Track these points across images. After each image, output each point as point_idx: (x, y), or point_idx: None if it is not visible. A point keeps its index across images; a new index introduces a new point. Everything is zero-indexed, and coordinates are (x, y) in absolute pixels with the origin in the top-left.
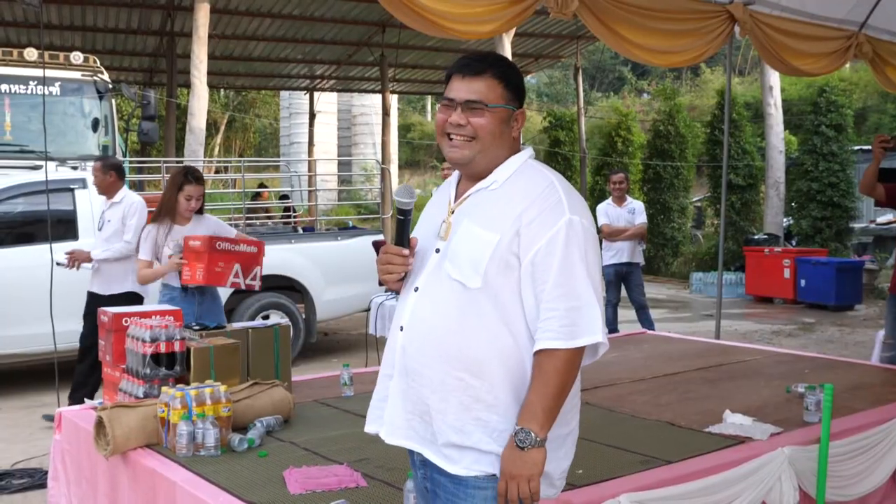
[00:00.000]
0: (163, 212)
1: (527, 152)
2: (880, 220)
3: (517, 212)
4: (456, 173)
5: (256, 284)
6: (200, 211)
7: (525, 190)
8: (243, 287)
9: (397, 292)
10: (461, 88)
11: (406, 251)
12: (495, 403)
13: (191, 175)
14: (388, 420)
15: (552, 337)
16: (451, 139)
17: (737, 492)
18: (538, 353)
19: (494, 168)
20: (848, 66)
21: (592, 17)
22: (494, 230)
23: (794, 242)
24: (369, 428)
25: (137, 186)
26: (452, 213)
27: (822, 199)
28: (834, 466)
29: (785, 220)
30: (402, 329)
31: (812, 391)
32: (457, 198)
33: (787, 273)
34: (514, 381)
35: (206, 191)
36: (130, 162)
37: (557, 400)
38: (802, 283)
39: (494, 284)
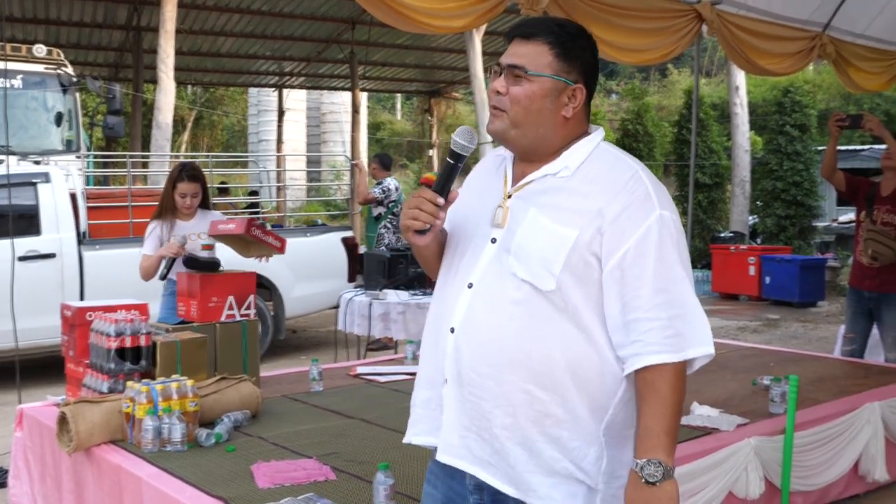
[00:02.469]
0: (164, 209)
1: (598, 134)
2: (842, 218)
3: (598, 206)
4: (509, 152)
5: (252, 314)
6: (207, 206)
7: (606, 180)
8: (238, 319)
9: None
10: (509, 52)
11: (442, 201)
12: (565, 418)
13: (184, 172)
14: (441, 435)
15: (659, 350)
16: (494, 109)
17: (704, 482)
18: (644, 370)
19: (545, 150)
20: (811, 67)
21: (563, 14)
22: (571, 225)
23: (759, 240)
24: (422, 440)
25: (102, 182)
26: (509, 197)
27: (787, 197)
28: (798, 457)
29: (750, 218)
30: (452, 331)
31: (777, 383)
32: (514, 181)
33: (752, 270)
34: (588, 393)
35: None
36: (95, 157)
37: (676, 420)
38: (767, 280)
39: (567, 286)
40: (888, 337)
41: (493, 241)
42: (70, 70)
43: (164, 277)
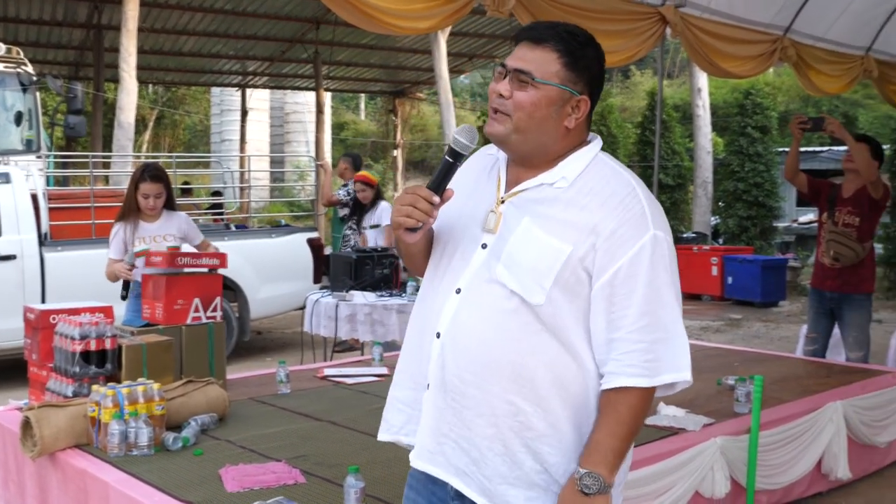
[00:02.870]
0: (127, 210)
1: (596, 144)
2: (802, 219)
3: (593, 221)
4: (503, 154)
5: (218, 315)
6: (172, 207)
7: (602, 194)
8: (205, 321)
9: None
10: (516, 55)
11: (437, 199)
12: (548, 433)
13: (147, 173)
14: (417, 439)
15: (634, 373)
16: (495, 112)
17: (671, 482)
18: (613, 389)
19: (543, 157)
20: (771, 70)
21: (529, 15)
22: (565, 240)
23: (721, 241)
24: (400, 438)
25: (62, 182)
26: (502, 202)
27: (748, 198)
28: (763, 455)
29: (712, 218)
30: (438, 336)
31: (742, 383)
32: (508, 186)
33: (714, 271)
34: (573, 410)
35: None
36: (56, 157)
37: (630, 441)
38: (729, 280)
39: (557, 301)
40: (849, 336)
41: (484, 246)
42: (30, 69)
43: (124, 298)
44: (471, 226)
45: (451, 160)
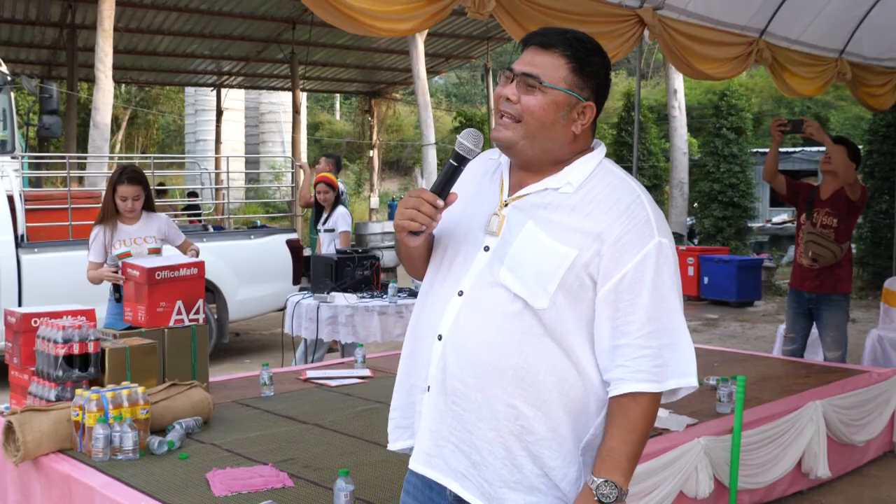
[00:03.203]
0: (106, 213)
1: (601, 151)
2: (775, 219)
3: (598, 227)
4: (505, 158)
5: (200, 318)
6: (151, 208)
7: (608, 201)
8: (187, 324)
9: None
10: (524, 60)
11: (441, 203)
12: (548, 437)
13: (124, 175)
14: (416, 442)
15: (643, 378)
16: (501, 117)
17: (656, 482)
18: (622, 395)
19: (548, 162)
20: (745, 72)
21: (509, 17)
22: (570, 244)
23: (696, 241)
24: (401, 445)
25: (35, 183)
26: (505, 205)
27: (723, 199)
28: (745, 455)
29: (688, 219)
30: (440, 338)
31: (724, 383)
32: (511, 189)
33: (690, 271)
34: (572, 414)
35: None
36: (30, 158)
37: (641, 447)
38: (705, 280)
39: (561, 306)
40: (827, 336)
41: (486, 248)
42: (4, 69)
43: (119, 300)
44: (473, 229)
45: (455, 164)
